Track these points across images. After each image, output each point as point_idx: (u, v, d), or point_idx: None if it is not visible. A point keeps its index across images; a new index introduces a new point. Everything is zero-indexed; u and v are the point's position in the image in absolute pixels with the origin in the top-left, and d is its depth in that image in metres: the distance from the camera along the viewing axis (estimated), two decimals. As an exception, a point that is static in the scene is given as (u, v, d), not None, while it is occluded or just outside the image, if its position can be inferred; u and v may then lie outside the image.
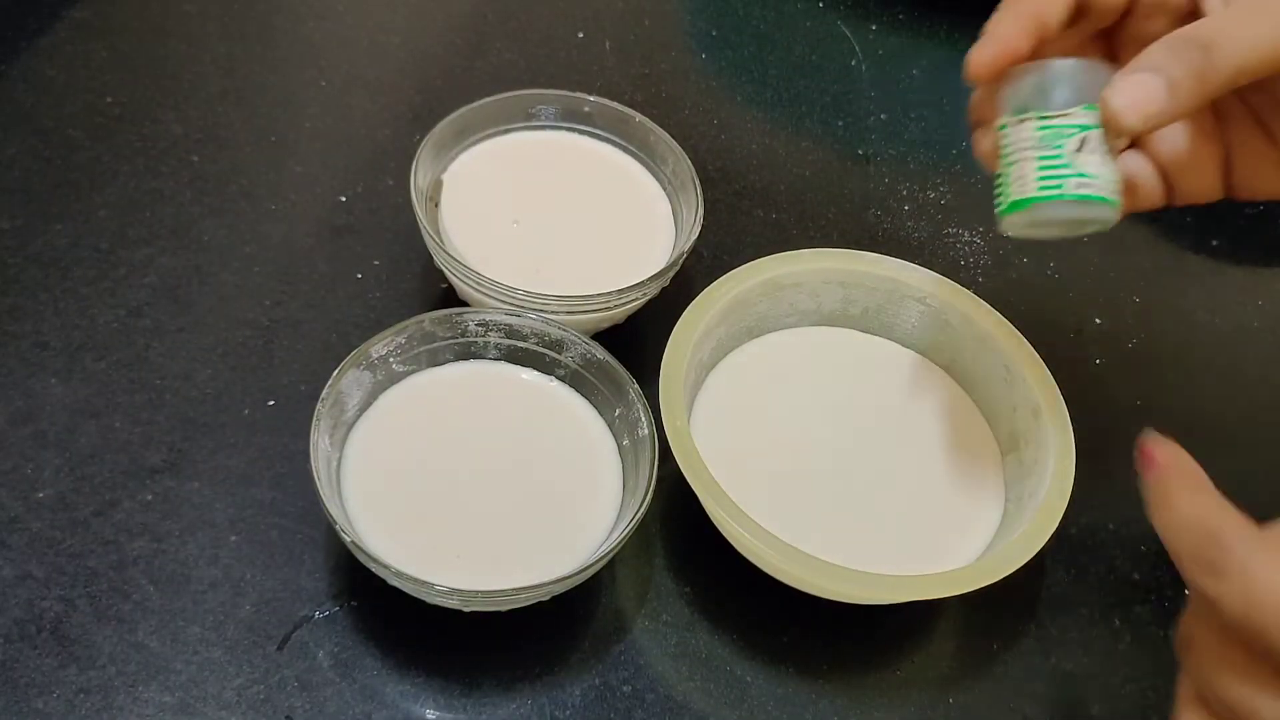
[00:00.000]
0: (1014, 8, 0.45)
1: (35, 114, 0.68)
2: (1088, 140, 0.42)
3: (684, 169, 0.62)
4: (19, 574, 0.50)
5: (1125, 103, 0.41)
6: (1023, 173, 0.43)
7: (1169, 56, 0.41)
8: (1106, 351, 0.66)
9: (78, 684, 0.48)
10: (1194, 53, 0.41)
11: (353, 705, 0.49)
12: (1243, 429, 0.64)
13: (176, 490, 0.54)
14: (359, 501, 0.51)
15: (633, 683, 0.51)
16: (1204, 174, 0.48)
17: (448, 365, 0.56)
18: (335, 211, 0.66)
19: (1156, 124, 0.42)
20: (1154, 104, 0.41)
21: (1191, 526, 0.36)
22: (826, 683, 0.52)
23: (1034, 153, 0.43)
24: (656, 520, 0.56)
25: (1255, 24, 0.41)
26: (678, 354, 0.53)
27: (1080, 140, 0.42)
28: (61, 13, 0.73)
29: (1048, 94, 0.43)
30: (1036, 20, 0.44)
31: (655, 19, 0.81)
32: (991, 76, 0.44)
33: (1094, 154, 0.42)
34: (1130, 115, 0.41)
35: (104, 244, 0.62)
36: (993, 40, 0.44)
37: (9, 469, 0.53)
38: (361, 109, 0.72)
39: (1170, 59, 0.41)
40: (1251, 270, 0.72)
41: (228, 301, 0.61)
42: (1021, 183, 0.43)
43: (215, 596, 0.51)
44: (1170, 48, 0.42)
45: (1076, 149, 0.42)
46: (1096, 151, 0.42)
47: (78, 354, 0.57)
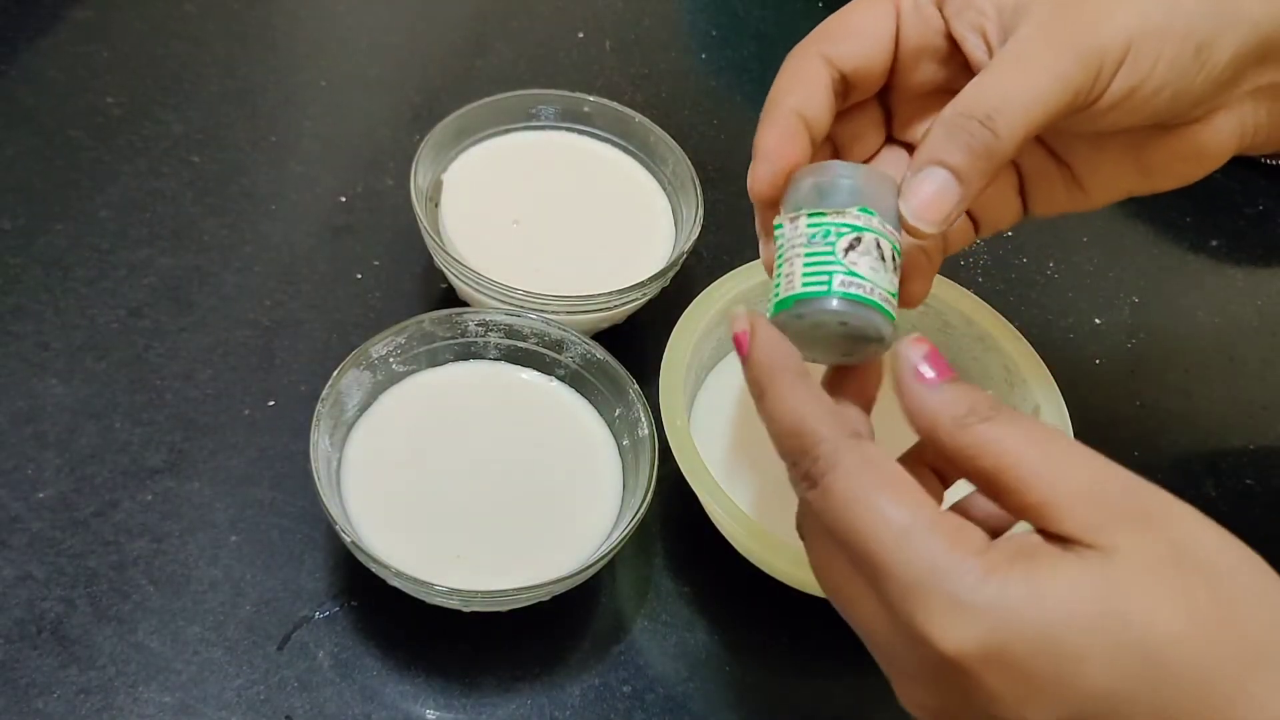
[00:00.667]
0: (771, 116, 0.42)
1: (36, 114, 0.68)
2: (861, 241, 0.38)
3: (684, 169, 0.62)
4: (19, 574, 0.50)
5: (920, 207, 0.39)
6: (791, 270, 0.40)
7: (950, 142, 0.38)
8: (1106, 351, 0.66)
9: (78, 684, 0.48)
10: (976, 130, 0.38)
11: (353, 705, 0.49)
12: (1241, 428, 0.64)
13: (176, 490, 0.54)
14: (359, 501, 0.51)
15: (632, 682, 0.51)
16: (1006, 204, 0.47)
17: (448, 365, 0.56)
18: (335, 211, 0.66)
19: (956, 219, 0.39)
20: (948, 202, 0.39)
21: (785, 424, 0.36)
22: (826, 683, 0.52)
23: (804, 249, 0.39)
24: (656, 520, 0.56)
25: (1028, 77, 0.38)
26: (678, 354, 0.53)
27: (852, 239, 0.38)
28: (63, 13, 0.73)
29: (823, 194, 0.40)
30: (798, 122, 0.42)
31: (655, 19, 0.81)
32: (773, 194, 0.42)
33: (867, 255, 0.38)
34: (927, 222, 0.39)
35: (105, 244, 0.62)
36: (761, 159, 0.42)
37: (10, 469, 0.53)
38: (361, 109, 0.72)
39: (952, 145, 0.38)
40: (1251, 270, 0.72)
41: (228, 302, 0.61)
42: (789, 280, 0.39)
43: (215, 596, 0.51)
44: (950, 132, 0.39)
45: (847, 247, 0.38)
46: (869, 254, 0.38)
47: (78, 354, 0.58)
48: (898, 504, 0.33)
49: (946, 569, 0.32)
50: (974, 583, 0.31)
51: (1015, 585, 0.31)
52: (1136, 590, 0.31)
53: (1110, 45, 0.39)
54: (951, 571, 0.32)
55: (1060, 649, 0.31)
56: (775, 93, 0.43)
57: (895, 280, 0.39)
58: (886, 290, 0.39)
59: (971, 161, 0.38)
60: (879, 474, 0.34)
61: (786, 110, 0.42)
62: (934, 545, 0.32)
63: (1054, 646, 0.31)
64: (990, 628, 0.31)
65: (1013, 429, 0.34)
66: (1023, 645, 0.31)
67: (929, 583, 0.32)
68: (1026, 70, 0.39)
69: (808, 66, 0.43)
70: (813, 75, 0.43)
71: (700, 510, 0.52)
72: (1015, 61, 0.39)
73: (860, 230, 0.38)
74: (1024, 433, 0.34)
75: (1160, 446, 0.63)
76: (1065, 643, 0.31)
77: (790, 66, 0.43)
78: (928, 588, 0.32)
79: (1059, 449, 0.33)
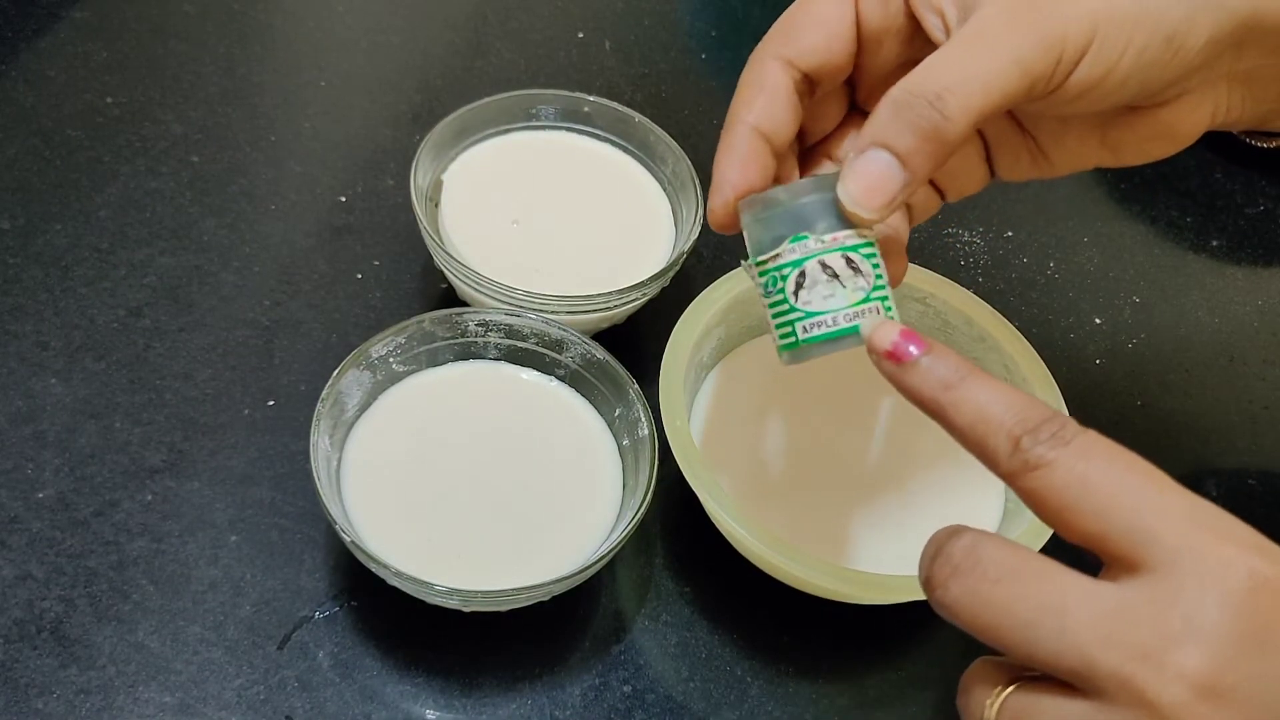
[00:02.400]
0: (728, 139, 0.41)
1: (35, 114, 0.68)
2: (805, 274, 0.37)
3: (684, 169, 0.62)
4: (19, 574, 0.50)
5: (858, 193, 0.37)
6: (770, 323, 0.40)
7: (896, 122, 0.37)
8: (1106, 351, 0.66)
9: (78, 684, 0.48)
10: (924, 111, 0.36)
11: (353, 705, 0.49)
12: (1242, 428, 0.64)
13: (176, 490, 0.54)
14: (359, 501, 0.51)
15: (633, 682, 0.51)
16: (971, 171, 0.45)
17: (448, 365, 0.56)
18: (335, 211, 0.66)
19: (899, 204, 0.38)
20: (890, 186, 0.37)
21: (1015, 396, 0.34)
22: (826, 683, 0.52)
23: (766, 302, 0.39)
24: (656, 520, 0.56)
25: (983, 58, 0.36)
26: (678, 354, 0.53)
27: (796, 277, 0.38)
28: (62, 13, 0.73)
29: (754, 241, 0.39)
30: (756, 141, 0.40)
31: (655, 19, 0.81)
32: (730, 223, 0.41)
33: (816, 286, 0.37)
34: (867, 208, 0.37)
35: (104, 244, 0.62)
36: (716, 189, 0.41)
37: (9, 469, 0.53)
38: (361, 109, 0.72)
39: (898, 126, 0.37)
40: (1251, 270, 0.72)
41: (228, 301, 0.61)
42: (773, 333, 0.40)
43: (215, 596, 0.51)
44: (896, 111, 0.37)
45: (795, 289, 0.38)
46: (818, 283, 0.37)
47: (78, 354, 0.57)
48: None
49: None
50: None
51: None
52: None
53: (1074, 32, 0.37)
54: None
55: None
56: (735, 106, 0.42)
57: (868, 277, 0.38)
58: (845, 302, 0.38)
59: (918, 144, 0.37)
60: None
61: (744, 129, 0.41)
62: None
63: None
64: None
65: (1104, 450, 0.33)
66: None
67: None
68: (982, 50, 0.37)
69: (767, 73, 0.41)
70: (772, 83, 0.41)
71: (700, 510, 0.52)
72: (971, 41, 0.37)
73: (799, 264, 0.37)
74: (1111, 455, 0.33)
75: (1161, 447, 0.63)
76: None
77: (749, 76, 0.42)
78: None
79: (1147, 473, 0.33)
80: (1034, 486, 0.33)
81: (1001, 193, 0.73)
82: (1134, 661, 0.30)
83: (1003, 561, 0.32)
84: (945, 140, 0.37)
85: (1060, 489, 0.32)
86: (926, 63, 0.37)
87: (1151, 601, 0.31)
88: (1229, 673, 0.30)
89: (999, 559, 0.32)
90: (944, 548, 0.34)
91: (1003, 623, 0.32)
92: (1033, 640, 0.31)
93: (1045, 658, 0.31)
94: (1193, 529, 0.31)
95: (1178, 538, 0.31)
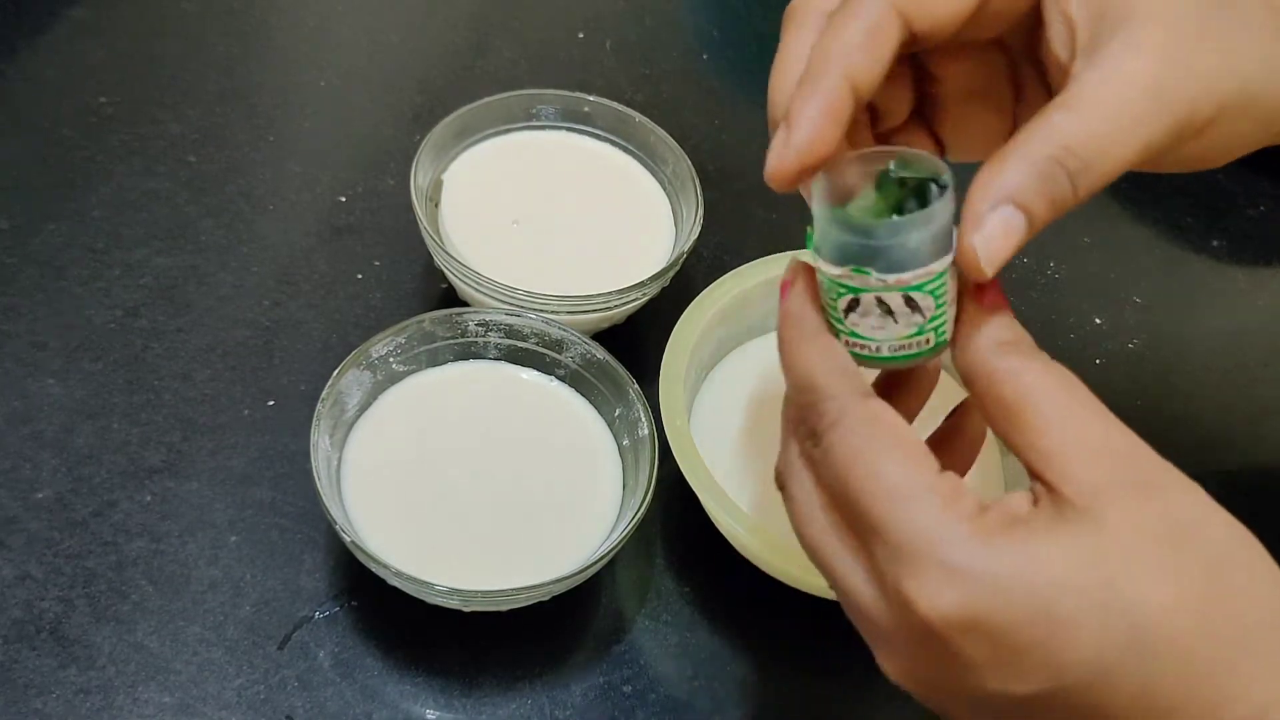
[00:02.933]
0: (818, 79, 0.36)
1: (31, 113, 0.67)
2: (859, 302, 0.35)
3: (684, 169, 0.62)
4: (18, 574, 0.50)
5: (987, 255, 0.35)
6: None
7: (1036, 187, 0.34)
8: (1106, 351, 0.66)
9: (77, 684, 0.48)
10: (1063, 184, 0.34)
11: (353, 705, 0.48)
12: (1243, 429, 0.64)
13: (176, 490, 0.54)
14: (359, 501, 0.51)
15: (634, 682, 0.51)
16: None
17: (448, 365, 0.56)
18: (335, 211, 0.65)
19: None
20: (1012, 245, 0.35)
21: (798, 378, 0.36)
22: (827, 683, 0.52)
23: (822, 296, 0.37)
24: (656, 520, 0.56)
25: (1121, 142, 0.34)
26: (678, 354, 0.53)
27: (850, 301, 0.36)
28: (59, 12, 0.73)
29: (819, 230, 0.36)
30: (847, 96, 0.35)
31: (655, 19, 0.81)
32: (791, 188, 0.37)
33: (867, 316, 0.36)
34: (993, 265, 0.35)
35: (100, 244, 0.62)
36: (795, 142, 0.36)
37: (7, 469, 0.53)
38: (361, 109, 0.71)
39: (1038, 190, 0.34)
40: (1251, 270, 0.72)
41: (226, 302, 0.61)
42: None
43: (215, 596, 0.51)
44: (1041, 175, 0.34)
45: (846, 308, 0.36)
46: (870, 314, 0.36)
47: (75, 354, 0.57)
48: (897, 463, 0.32)
49: (938, 532, 0.31)
50: (964, 548, 0.31)
51: (1006, 552, 0.31)
52: (1129, 560, 0.31)
53: (1202, 111, 0.35)
54: (942, 536, 0.31)
55: (1050, 616, 0.30)
56: (829, 43, 0.36)
57: (925, 312, 0.36)
58: (903, 336, 0.36)
59: (1047, 214, 0.35)
60: (882, 432, 0.33)
61: (838, 77, 0.35)
62: (928, 508, 0.32)
63: (1043, 614, 0.30)
64: (975, 595, 0.30)
65: (1048, 371, 0.33)
66: (1009, 614, 0.30)
67: (918, 545, 0.31)
68: (1121, 131, 0.34)
69: (880, 19, 0.36)
70: (883, 34, 0.36)
71: (700, 510, 0.52)
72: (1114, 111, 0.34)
73: (856, 291, 0.35)
74: (1055, 378, 0.33)
75: (1162, 448, 0.62)
76: (1055, 609, 0.30)
77: (857, 11, 0.36)
78: (916, 550, 0.31)
79: (1079, 401, 0.33)
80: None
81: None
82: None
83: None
84: (1064, 212, 0.35)
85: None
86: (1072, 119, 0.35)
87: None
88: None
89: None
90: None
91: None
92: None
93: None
94: (890, 558, 0.32)
95: (880, 564, 0.33)
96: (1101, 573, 0.30)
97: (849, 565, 0.34)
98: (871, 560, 0.33)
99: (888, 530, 0.32)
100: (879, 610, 0.33)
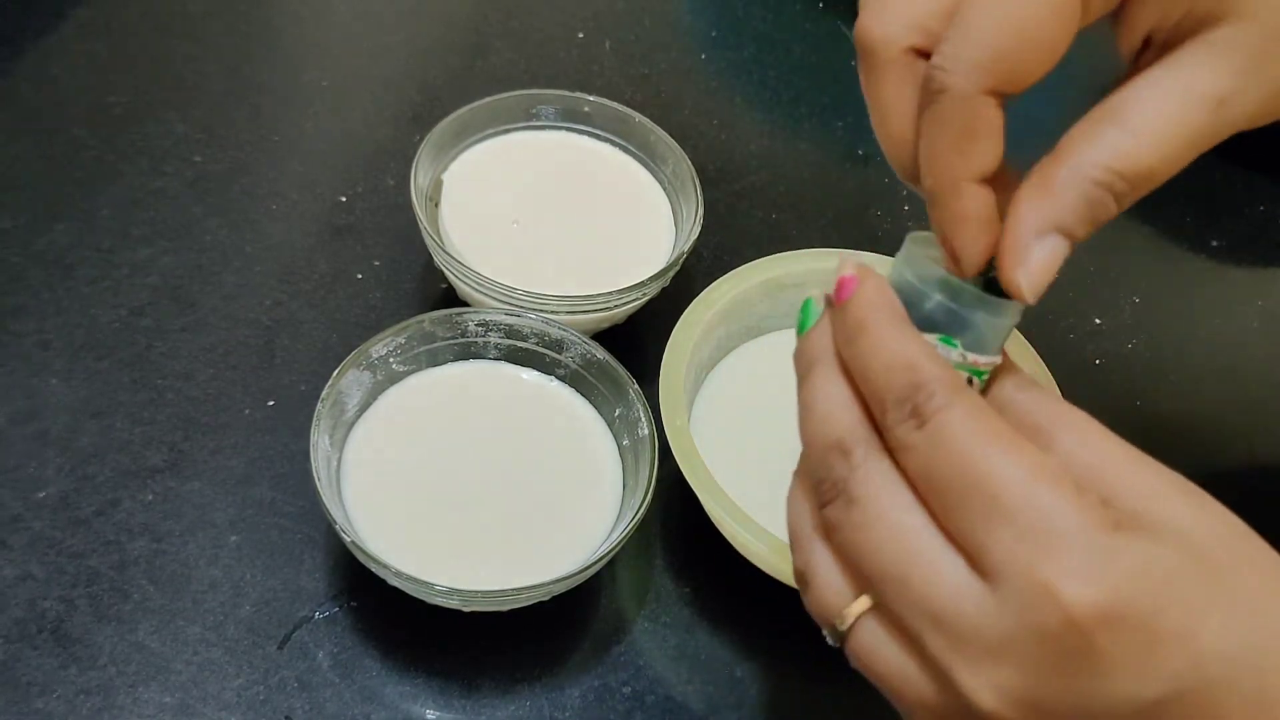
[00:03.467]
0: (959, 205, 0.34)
1: (39, 113, 0.68)
2: None
3: (684, 169, 0.62)
4: (20, 574, 0.50)
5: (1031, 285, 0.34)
6: None
7: (1082, 211, 0.33)
8: (1106, 351, 0.66)
9: (78, 684, 0.48)
10: (1108, 205, 0.33)
11: (353, 705, 0.49)
12: (1243, 429, 0.64)
13: (177, 490, 0.54)
14: (359, 501, 0.51)
15: (633, 683, 0.51)
16: None
17: (448, 365, 0.56)
18: (335, 211, 0.66)
19: None
20: (1055, 270, 0.34)
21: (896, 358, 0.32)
22: (826, 683, 0.52)
23: None
24: (656, 520, 0.56)
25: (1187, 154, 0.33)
26: (678, 354, 0.53)
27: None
28: (66, 12, 0.73)
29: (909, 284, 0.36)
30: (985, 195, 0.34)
31: (655, 19, 0.81)
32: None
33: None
34: (1039, 290, 0.34)
35: (106, 243, 0.62)
36: (977, 250, 0.35)
37: (11, 468, 0.53)
38: (361, 109, 0.72)
39: (1082, 216, 0.33)
40: (1251, 270, 0.72)
41: (229, 301, 0.61)
42: None
43: (215, 596, 0.51)
44: (1089, 202, 0.33)
45: None
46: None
47: (79, 354, 0.58)
48: (1021, 449, 0.31)
49: (1084, 517, 0.29)
50: (1108, 536, 0.29)
51: (1137, 543, 0.30)
52: (1223, 555, 0.30)
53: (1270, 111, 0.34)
54: (1087, 521, 0.29)
55: (1187, 604, 0.29)
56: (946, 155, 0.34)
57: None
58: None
59: (1088, 231, 0.34)
60: (999, 421, 0.31)
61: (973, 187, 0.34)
62: (1065, 494, 0.30)
63: (1180, 601, 0.29)
64: (1122, 582, 0.29)
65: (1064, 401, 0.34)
66: (1151, 602, 0.29)
67: (1060, 530, 0.29)
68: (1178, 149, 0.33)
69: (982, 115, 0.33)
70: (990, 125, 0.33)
71: (700, 510, 0.52)
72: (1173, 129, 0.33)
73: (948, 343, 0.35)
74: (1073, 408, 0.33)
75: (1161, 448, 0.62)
76: (1190, 598, 0.29)
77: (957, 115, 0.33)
78: (1059, 535, 0.29)
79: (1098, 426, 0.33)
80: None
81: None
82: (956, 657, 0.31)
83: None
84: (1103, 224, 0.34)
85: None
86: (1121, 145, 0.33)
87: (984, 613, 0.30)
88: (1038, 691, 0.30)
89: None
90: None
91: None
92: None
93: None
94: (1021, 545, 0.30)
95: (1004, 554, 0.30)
96: (1207, 564, 0.30)
97: (950, 565, 0.31)
98: (986, 555, 0.30)
99: (1021, 513, 0.30)
100: (988, 611, 0.30)
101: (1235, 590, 0.30)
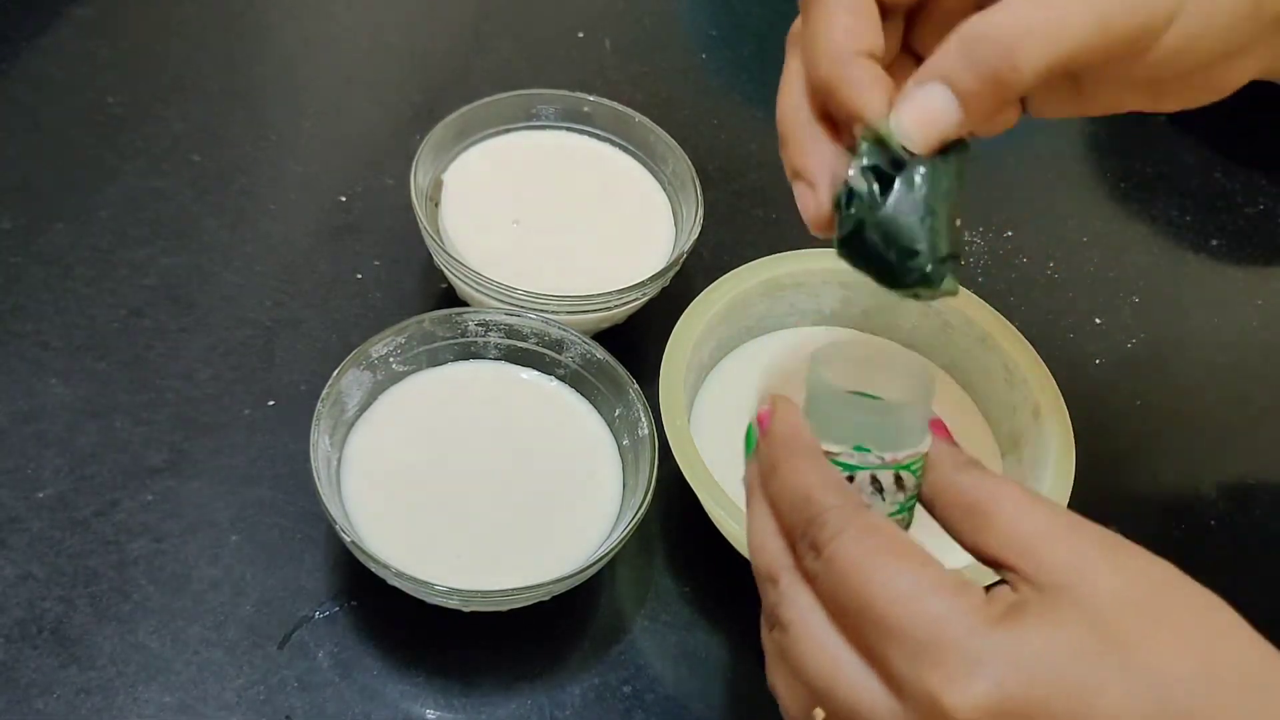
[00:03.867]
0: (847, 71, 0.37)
1: (37, 113, 0.68)
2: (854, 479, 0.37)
3: (684, 169, 0.62)
4: (20, 574, 0.50)
5: (910, 124, 0.36)
6: None
7: (963, 61, 0.36)
8: (1106, 351, 0.66)
9: (78, 684, 0.48)
10: (992, 57, 0.35)
11: (353, 705, 0.49)
12: (1243, 429, 0.64)
13: (177, 490, 0.54)
14: (359, 501, 0.51)
15: (632, 683, 0.51)
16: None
17: (448, 365, 0.56)
18: (335, 211, 0.66)
19: (948, 140, 0.37)
20: (944, 122, 0.36)
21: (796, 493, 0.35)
22: (826, 682, 0.52)
23: None
24: (656, 520, 0.56)
25: (1068, 9, 0.35)
26: (678, 354, 0.53)
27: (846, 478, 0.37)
28: (63, 11, 0.73)
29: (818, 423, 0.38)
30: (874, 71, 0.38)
31: (655, 19, 0.81)
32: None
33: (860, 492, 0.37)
34: (915, 139, 0.37)
35: (105, 244, 0.62)
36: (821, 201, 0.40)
37: (10, 469, 0.53)
38: (361, 109, 0.72)
39: (964, 65, 0.36)
40: (1251, 270, 0.72)
41: (229, 301, 0.61)
42: None
43: (215, 596, 0.51)
44: (965, 51, 0.35)
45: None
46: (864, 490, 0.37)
47: (79, 354, 0.58)
48: (904, 564, 0.32)
49: (957, 624, 0.31)
50: (983, 635, 0.31)
51: (1020, 634, 0.31)
52: (1131, 623, 0.31)
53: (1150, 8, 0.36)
54: (961, 626, 0.31)
55: (1079, 685, 0.30)
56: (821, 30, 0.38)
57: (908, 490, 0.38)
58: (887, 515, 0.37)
59: (980, 88, 0.36)
60: (885, 537, 0.33)
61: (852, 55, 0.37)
62: (943, 602, 0.31)
63: (1071, 685, 0.30)
64: (1003, 679, 0.30)
65: (1002, 478, 0.35)
66: (1038, 692, 0.30)
67: (940, 639, 0.31)
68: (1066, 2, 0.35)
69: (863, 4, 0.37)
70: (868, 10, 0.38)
71: (700, 510, 0.52)
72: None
73: (851, 469, 0.37)
74: (1011, 482, 0.35)
75: (1160, 447, 0.63)
76: (1080, 679, 0.30)
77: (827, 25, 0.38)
78: (939, 644, 0.31)
79: (1033, 497, 0.34)
80: None
81: (1002, 192, 0.73)
82: None
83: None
84: (1009, 90, 0.36)
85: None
86: (1006, 3, 0.35)
87: None
88: None
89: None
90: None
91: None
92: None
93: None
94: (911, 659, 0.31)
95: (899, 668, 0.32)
96: (1109, 638, 0.31)
97: (864, 681, 0.33)
98: (887, 669, 0.32)
99: (906, 629, 0.31)
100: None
101: (1136, 661, 0.30)
